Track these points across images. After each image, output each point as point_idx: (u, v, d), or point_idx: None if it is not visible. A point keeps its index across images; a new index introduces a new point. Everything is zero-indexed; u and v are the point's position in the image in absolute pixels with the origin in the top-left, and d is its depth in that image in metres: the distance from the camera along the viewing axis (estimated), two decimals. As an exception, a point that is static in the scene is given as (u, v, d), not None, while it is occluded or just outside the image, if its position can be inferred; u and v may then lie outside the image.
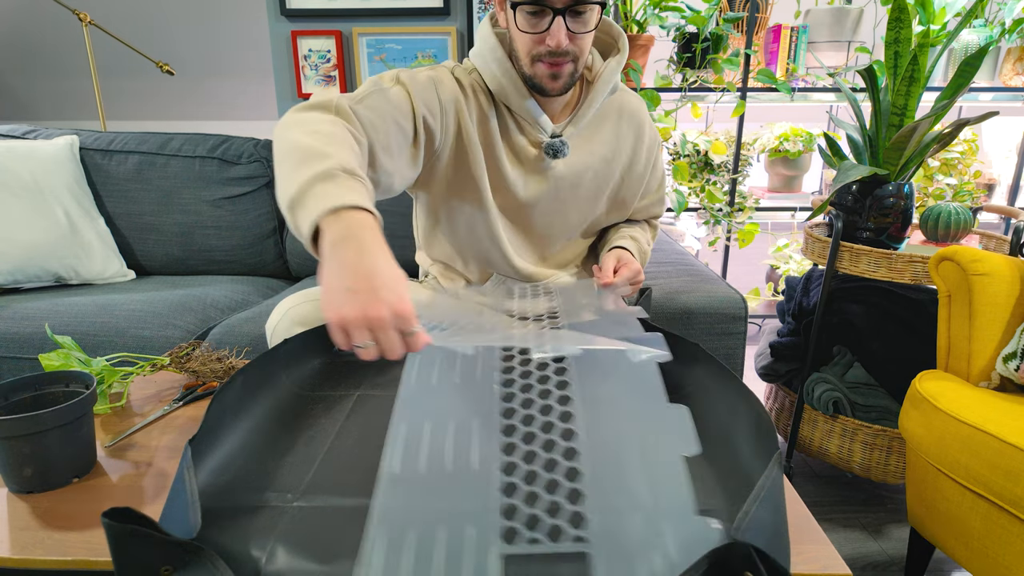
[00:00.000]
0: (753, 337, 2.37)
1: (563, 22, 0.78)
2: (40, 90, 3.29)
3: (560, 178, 0.95)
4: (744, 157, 2.17)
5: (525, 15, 0.79)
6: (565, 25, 0.78)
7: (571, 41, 0.80)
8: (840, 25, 1.91)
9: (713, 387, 0.72)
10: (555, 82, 0.84)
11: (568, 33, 0.79)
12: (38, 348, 1.23)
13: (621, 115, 0.98)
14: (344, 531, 0.50)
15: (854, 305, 1.37)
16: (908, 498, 1.09)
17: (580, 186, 0.97)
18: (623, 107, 0.99)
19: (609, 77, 0.92)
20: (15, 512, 0.62)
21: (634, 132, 0.99)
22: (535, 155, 0.93)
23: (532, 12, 0.78)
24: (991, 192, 2.35)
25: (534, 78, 0.85)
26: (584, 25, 0.80)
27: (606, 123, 0.97)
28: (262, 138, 1.76)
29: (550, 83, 0.85)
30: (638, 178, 1.03)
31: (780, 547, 0.46)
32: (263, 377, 0.74)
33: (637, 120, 1.00)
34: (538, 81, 0.85)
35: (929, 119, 1.14)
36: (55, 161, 1.56)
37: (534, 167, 0.94)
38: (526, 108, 0.89)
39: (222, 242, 1.70)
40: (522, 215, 0.98)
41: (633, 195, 1.05)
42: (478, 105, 0.89)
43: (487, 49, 0.88)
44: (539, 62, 0.83)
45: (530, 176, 0.94)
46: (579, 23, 0.79)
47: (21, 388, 0.71)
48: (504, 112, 0.91)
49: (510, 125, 0.92)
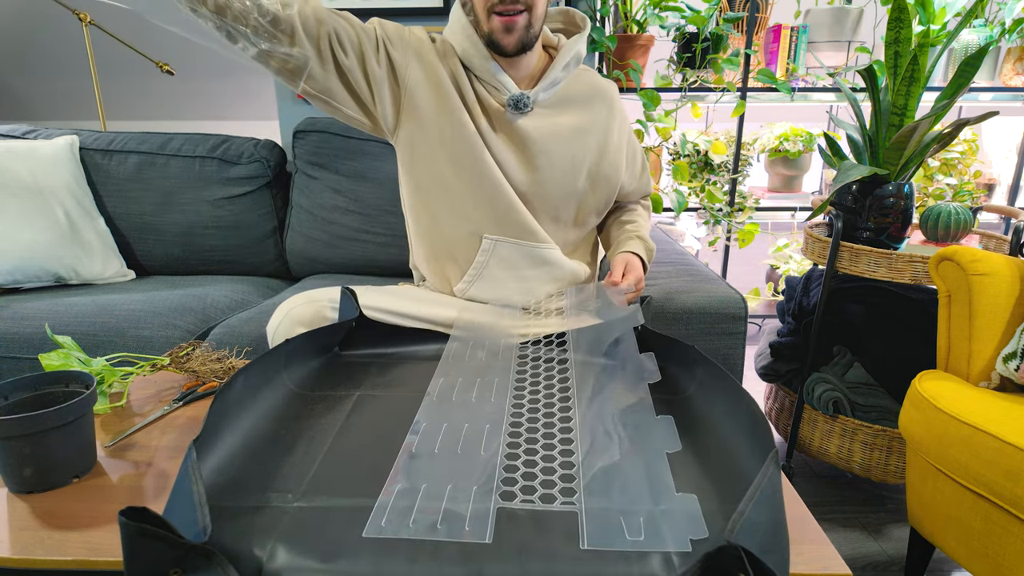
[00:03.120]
0: (753, 337, 2.37)
1: None
2: (40, 90, 3.29)
3: (528, 139, 0.98)
4: (744, 157, 2.17)
5: None
6: None
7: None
8: (840, 25, 1.91)
9: (709, 388, 0.73)
10: (509, 35, 0.90)
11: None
12: (38, 348, 1.23)
13: (593, 92, 1.03)
14: (344, 531, 0.50)
15: (854, 305, 1.37)
16: (908, 498, 1.09)
17: (552, 153, 0.99)
18: (594, 84, 1.04)
19: (571, 47, 0.98)
20: (15, 512, 0.62)
21: (607, 107, 1.04)
22: (498, 111, 0.97)
23: None
24: (991, 192, 2.35)
25: (491, 34, 0.90)
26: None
27: (576, 98, 1.02)
28: (262, 138, 1.76)
29: (505, 37, 0.90)
30: (615, 150, 1.06)
31: (778, 547, 0.46)
32: (264, 377, 0.74)
33: (609, 97, 1.05)
34: (495, 37, 0.90)
35: (929, 119, 1.14)
36: (55, 161, 1.56)
37: (499, 122, 0.97)
38: (489, 71, 0.94)
39: (222, 242, 1.70)
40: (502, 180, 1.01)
41: (615, 169, 1.06)
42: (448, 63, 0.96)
43: (456, 22, 0.96)
44: (494, 15, 0.88)
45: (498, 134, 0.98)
46: None
47: (21, 388, 0.71)
48: (471, 78, 0.97)
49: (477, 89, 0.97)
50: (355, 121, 0.98)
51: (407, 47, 0.95)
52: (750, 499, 0.45)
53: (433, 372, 0.83)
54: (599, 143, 1.03)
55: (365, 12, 1.82)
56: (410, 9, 1.81)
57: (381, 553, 0.48)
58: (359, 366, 0.87)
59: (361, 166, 1.65)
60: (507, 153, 0.98)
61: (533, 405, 0.72)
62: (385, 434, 0.67)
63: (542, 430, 0.67)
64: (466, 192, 0.98)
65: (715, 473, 0.59)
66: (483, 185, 0.97)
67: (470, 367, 0.83)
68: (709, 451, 0.63)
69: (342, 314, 0.94)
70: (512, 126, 0.97)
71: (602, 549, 0.48)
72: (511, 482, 0.57)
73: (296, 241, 1.70)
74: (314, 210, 1.67)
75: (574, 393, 0.75)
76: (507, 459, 0.61)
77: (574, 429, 0.66)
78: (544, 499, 0.55)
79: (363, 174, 1.65)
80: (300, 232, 1.69)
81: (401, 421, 0.69)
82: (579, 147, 1.01)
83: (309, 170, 1.69)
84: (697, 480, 0.58)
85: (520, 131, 0.97)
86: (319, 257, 1.69)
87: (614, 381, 0.77)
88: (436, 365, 0.85)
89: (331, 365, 0.87)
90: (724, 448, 0.63)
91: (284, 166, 1.78)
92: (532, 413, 0.71)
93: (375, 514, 0.52)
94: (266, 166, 1.70)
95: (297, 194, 1.71)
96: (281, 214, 1.75)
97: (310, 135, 1.67)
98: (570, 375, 0.80)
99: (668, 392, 0.77)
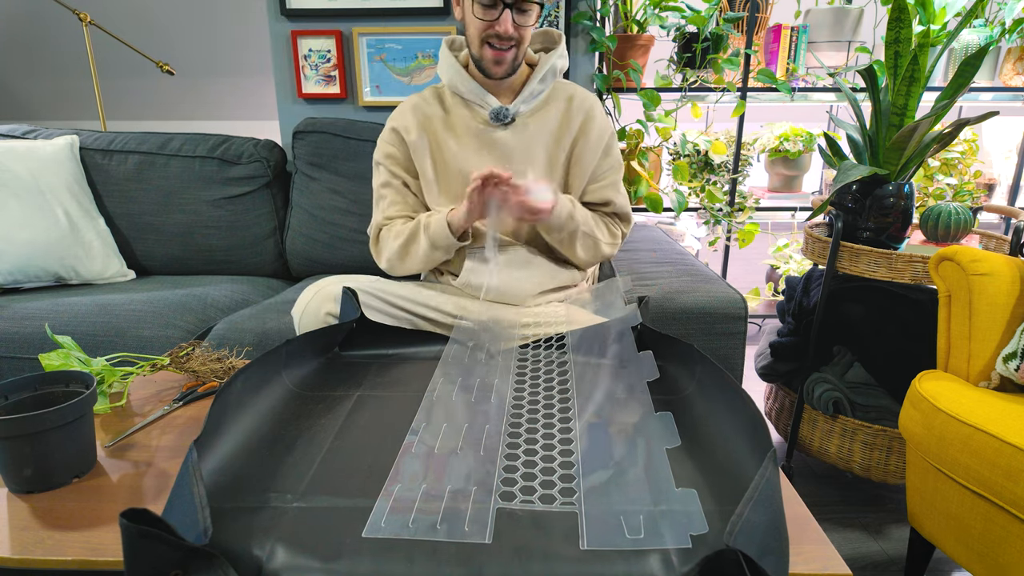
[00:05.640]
0: (753, 337, 2.37)
1: (510, 14, 0.97)
2: (40, 90, 3.29)
3: (509, 148, 1.07)
4: (744, 157, 2.17)
5: (481, 6, 0.97)
6: (511, 17, 0.97)
7: (515, 30, 0.98)
8: (840, 25, 1.91)
9: (708, 387, 0.73)
10: (498, 67, 1.02)
11: (513, 24, 0.98)
12: (38, 348, 1.23)
13: (571, 101, 1.11)
14: (344, 531, 0.50)
15: (854, 305, 1.37)
16: (908, 498, 1.09)
17: (535, 149, 1.08)
18: (573, 95, 1.12)
19: (547, 61, 1.08)
20: (15, 512, 0.62)
21: (583, 114, 1.10)
22: (479, 128, 1.07)
23: (487, 5, 0.97)
24: (991, 192, 2.35)
25: (481, 60, 1.02)
26: (526, 19, 0.99)
27: (554, 105, 1.10)
28: (262, 138, 1.75)
29: (494, 67, 1.02)
30: (588, 161, 1.10)
31: (777, 547, 0.46)
32: (264, 377, 0.74)
33: (586, 106, 1.11)
34: (485, 64, 1.02)
35: (929, 119, 1.14)
36: (55, 161, 1.56)
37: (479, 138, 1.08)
38: (473, 90, 1.06)
39: (222, 242, 1.70)
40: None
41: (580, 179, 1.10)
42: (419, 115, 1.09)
43: (444, 60, 1.10)
44: (487, 45, 1.00)
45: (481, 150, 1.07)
46: (523, 17, 0.98)
47: (21, 388, 0.71)
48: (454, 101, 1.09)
49: (456, 112, 1.09)
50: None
51: (405, 146, 1.09)
52: (748, 500, 0.45)
53: (433, 372, 0.83)
54: (572, 144, 1.10)
55: (365, 12, 1.82)
56: (410, 9, 1.81)
57: (381, 553, 0.48)
58: (359, 366, 0.87)
59: (361, 167, 1.65)
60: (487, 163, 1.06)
61: (533, 405, 0.72)
62: (385, 434, 0.67)
63: (542, 430, 0.67)
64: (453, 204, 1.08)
65: (713, 473, 0.59)
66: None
67: (470, 368, 0.83)
68: (707, 450, 0.63)
69: (343, 315, 0.94)
70: (492, 138, 1.07)
71: (602, 549, 0.48)
72: (511, 482, 0.57)
73: (296, 241, 1.70)
74: (314, 210, 1.67)
75: (573, 393, 0.75)
76: (507, 459, 0.61)
77: (574, 429, 0.66)
78: (544, 499, 0.55)
79: (363, 175, 1.65)
80: (300, 232, 1.69)
81: (401, 421, 0.69)
82: (555, 153, 1.09)
83: (309, 170, 1.69)
84: (695, 479, 0.58)
85: (499, 141, 1.07)
86: (319, 257, 1.69)
87: (613, 381, 0.77)
88: (436, 365, 0.85)
89: (331, 365, 0.87)
90: (723, 447, 0.63)
91: (284, 166, 1.78)
92: (532, 413, 0.71)
93: (375, 514, 0.52)
94: (266, 166, 1.70)
95: (297, 194, 1.71)
96: (281, 214, 1.75)
97: (310, 135, 1.67)
98: (569, 375, 0.80)
99: (667, 391, 0.77)
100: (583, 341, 0.91)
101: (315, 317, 0.97)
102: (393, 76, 1.87)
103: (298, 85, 1.88)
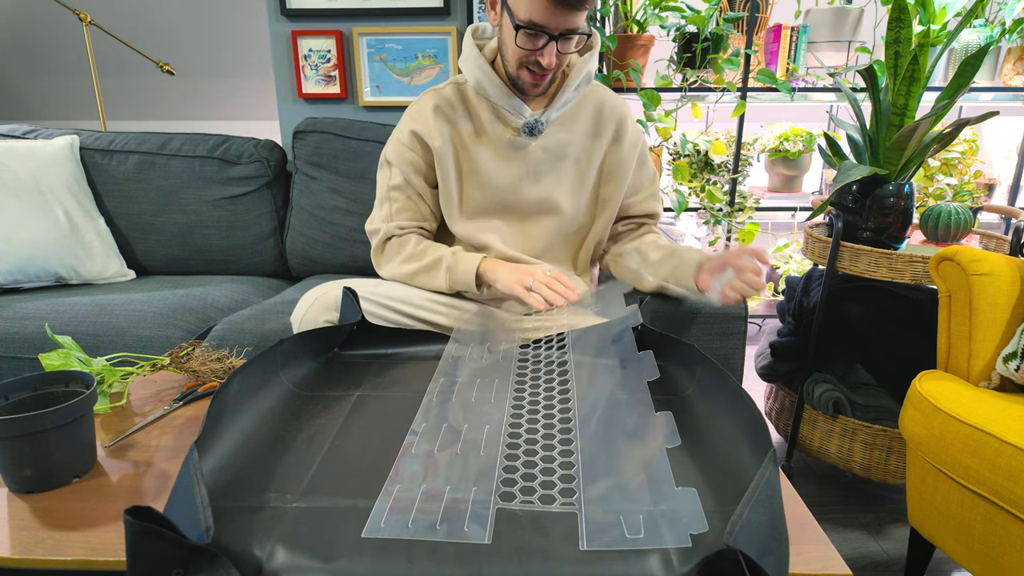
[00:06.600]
0: (753, 337, 2.37)
1: (555, 46, 0.90)
2: (40, 90, 3.29)
3: (537, 159, 1.03)
4: (744, 157, 2.17)
5: (525, 35, 0.89)
6: (556, 48, 0.90)
7: (558, 58, 0.92)
8: (840, 25, 1.90)
9: (708, 387, 0.73)
10: (535, 89, 0.97)
11: (557, 53, 0.91)
12: (38, 348, 1.23)
13: (602, 106, 1.07)
14: (344, 531, 0.50)
15: (854, 305, 1.37)
16: (908, 498, 1.09)
17: (565, 160, 1.04)
18: (603, 102, 1.07)
19: (582, 67, 1.01)
20: (15, 512, 0.62)
21: (615, 123, 1.07)
22: (508, 138, 1.02)
23: (531, 34, 0.89)
24: (991, 192, 2.35)
25: (518, 80, 0.96)
26: (569, 48, 0.93)
27: (584, 113, 1.06)
28: (262, 138, 1.75)
29: (531, 89, 0.97)
30: (623, 172, 1.07)
31: (777, 548, 0.46)
32: (262, 377, 0.74)
33: (618, 115, 1.07)
34: (521, 84, 0.97)
35: (929, 119, 1.14)
36: (55, 161, 1.56)
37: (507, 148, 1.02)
38: (502, 97, 0.99)
39: (222, 242, 1.70)
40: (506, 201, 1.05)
41: (616, 191, 1.08)
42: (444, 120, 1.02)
43: (468, 52, 1.01)
44: (525, 69, 0.94)
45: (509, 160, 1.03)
46: (567, 46, 0.92)
47: (21, 388, 0.71)
48: (480, 105, 1.02)
49: (484, 117, 1.02)
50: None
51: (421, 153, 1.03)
52: (748, 500, 0.45)
53: (433, 372, 0.83)
54: (606, 152, 1.07)
55: (365, 12, 1.82)
56: (410, 9, 1.81)
57: (380, 553, 0.48)
58: (359, 366, 0.87)
59: (361, 166, 1.65)
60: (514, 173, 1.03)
61: (533, 406, 0.72)
62: (385, 434, 0.67)
63: (542, 431, 0.67)
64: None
65: (713, 472, 0.59)
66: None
67: (470, 367, 0.83)
68: (708, 450, 0.63)
69: (344, 317, 0.94)
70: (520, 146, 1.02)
71: (601, 549, 0.48)
72: (510, 483, 0.57)
73: (296, 241, 1.70)
74: (314, 210, 1.67)
75: (573, 393, 0.75)
76: (507, 460, 0.61)
77: (573, 430, 0.66)
78: (543, 500, 0.55)
79: (363, 174, 1.65)
80: (300, 232, 1.69)
81: (401, 421, 0.69)
82: (588, 154, 1.06)
83: (309, 170, 1.69)
84: (695, 479, 0.58)
85: (528, 150, 1.03)
86: (319, 257, 1.69)
87: (613, 381, 0.77)
88: (436, 365, 0.85)
89: (331, 365, 0.87)
90: (723, 447, 0.63)
91: (284, 166, 1.78)
92: (532, 414, 0.71)
93: (374, 514, 0.52)
94: (266, 166, 1.70)
95: (297, 194, 1.71)
96: (281, 214, 1.75)
97: (310, 135, 1.67)
98: (569, 375, 0.80)
99: (667, 391, 0.77)
100: (583, 341, 0.91)
101: (313, 326, 0.95)
102: (393, 76, 1.87)
103: (298, 85, 1.88)
